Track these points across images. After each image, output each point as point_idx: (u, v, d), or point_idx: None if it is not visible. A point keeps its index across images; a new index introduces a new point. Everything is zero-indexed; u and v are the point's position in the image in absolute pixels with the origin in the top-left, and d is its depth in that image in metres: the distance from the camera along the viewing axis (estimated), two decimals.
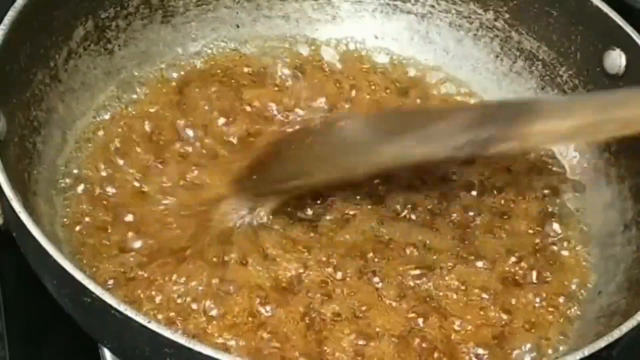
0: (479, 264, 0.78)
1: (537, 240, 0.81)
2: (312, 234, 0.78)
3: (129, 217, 0.77)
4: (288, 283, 0.74)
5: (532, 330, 0.75)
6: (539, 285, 0.78)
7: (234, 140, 0.84)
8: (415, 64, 0.93)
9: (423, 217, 0.80)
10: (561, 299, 0.78)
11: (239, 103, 0.87)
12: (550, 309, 0.77)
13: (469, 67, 0.93)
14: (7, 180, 0.67)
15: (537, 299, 0.77)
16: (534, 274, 0.79)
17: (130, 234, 0.76)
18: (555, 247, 0.81)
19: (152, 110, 0.85)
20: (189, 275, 0.73)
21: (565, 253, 0.81)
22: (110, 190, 0.78)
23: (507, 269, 0.79)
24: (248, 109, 0.86)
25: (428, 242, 0.78)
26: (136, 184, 0.79)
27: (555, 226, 0.82)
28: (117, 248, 0.75)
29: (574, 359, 0.64)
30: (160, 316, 0.71)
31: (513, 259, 0.79)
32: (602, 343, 0.65)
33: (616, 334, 0.66)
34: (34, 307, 0.77)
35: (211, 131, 0.84)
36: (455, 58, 0.93)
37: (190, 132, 0.84)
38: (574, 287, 0.79)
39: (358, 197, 0.80)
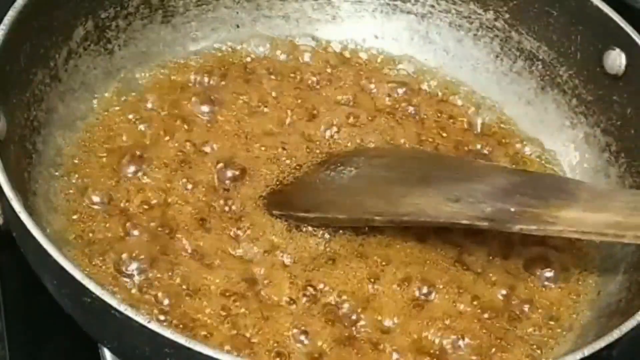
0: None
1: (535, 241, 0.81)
2: None
3: (129, 216, 0.77)
4: None
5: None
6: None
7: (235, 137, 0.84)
8: (415, 64, 0.93)
9: None
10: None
11: (239, 102, 0.87)
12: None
13: (469, 67, 0.93)
14: (7, 180, 0.67)
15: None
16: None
17: (130, 232, 0.76)
18: (554, 248, 0.81)
19: (152, 110, 0.85)
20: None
21: (564, 253, 0.81)
22: (111, 189, 0.78)
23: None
24: (248, 107, 0.87)
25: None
26: (136, 182, 0.79)
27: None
28: (118, 247, 0.75)
29: (574, 359, 0.64)
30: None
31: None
32: (602, 343, 0.65)
33: (616, 334, 0.66)
34: (34, 307, 0.77)
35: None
36: (455, 58, 0.93)
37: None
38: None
39: None
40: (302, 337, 0.71)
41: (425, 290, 0.75)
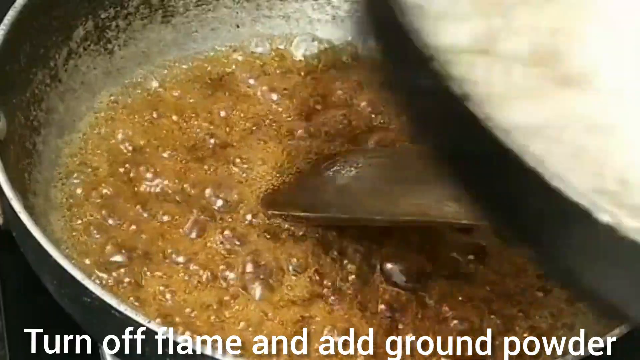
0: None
1: None
2: None
3: (129, 217, 0.77)
4: None
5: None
6: None
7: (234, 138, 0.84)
8: None
9: None
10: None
11: (239, 102, 0.87)
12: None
13: None
14: (7, 180, 0.67)
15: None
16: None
17: (133, 233, 0.76)
18: None
19: (152, 109, 0.85)
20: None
21: None
22: (111, 190, 0.78)
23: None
24: (248, 107, 0.87)
25: None
26: (137, 182, 0.79)
27: None
28: (118, 248, 0.75)
29: (574, 358, 0.64)
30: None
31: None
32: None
33: (616, 334, 0.66)
34: (34, 307, 0.77)
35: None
36: None
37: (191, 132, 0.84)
38: None
39: None
40: None
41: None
